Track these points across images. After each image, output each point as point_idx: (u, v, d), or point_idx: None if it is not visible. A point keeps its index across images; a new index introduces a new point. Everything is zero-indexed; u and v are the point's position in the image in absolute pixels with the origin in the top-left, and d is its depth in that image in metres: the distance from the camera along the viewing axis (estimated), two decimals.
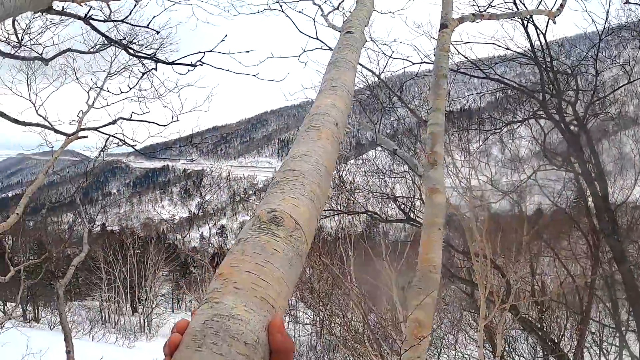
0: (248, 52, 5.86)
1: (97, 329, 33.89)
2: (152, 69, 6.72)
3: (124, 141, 8.40)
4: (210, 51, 5.73)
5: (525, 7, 12.29)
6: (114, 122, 8.16)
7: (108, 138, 8.91)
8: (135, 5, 6.33)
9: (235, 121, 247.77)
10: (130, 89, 7.91)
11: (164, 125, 8.00)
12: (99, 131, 8.38)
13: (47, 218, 51.69)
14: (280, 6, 6.36)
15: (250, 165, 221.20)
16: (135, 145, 9.49)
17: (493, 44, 13.43)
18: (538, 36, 13.26)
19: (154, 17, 6.11)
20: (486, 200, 12.65)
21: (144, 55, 6.49)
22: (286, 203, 1.14)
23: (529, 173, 13.90)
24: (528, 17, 12.73)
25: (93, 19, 5.40)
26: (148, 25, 6.13)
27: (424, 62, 12.83)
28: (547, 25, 12.97)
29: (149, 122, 7.87)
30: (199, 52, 5.83)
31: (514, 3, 12.14)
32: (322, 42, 7.46)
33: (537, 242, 14.24)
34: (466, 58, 13.82)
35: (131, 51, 6.26)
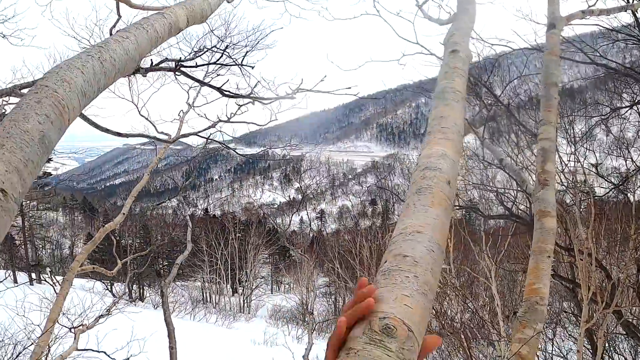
0: (349, 87, 5.90)
1: (199, 309, 35.24)
2: (249, 102, 6.89)
3: (224, 144, 8.62)
4: (311, 90, 5.84)
5: None
6: (213, 125, 8.36)
7: (207, 140, 9.14)
8: (227, 46, 6.41)
9: (332, 107, 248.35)
10: (229, 119, 8.11)
11: (262, 125, 8.12)
12: (199, 135, 8.63)
13: (154, 209, 54.20)
14: (378, 11, 6.21)
15: (349, 150, 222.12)
16: (232, 140, 9.78)
17: (597, 24, 12.69)
18: None
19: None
20: (592, 192, 12.02)
21: (242, 96, 6.60)
22: (398, 305, 1.10)
23: (636, 159, 13.07)
24: None
25: (185, 66, 5.50)
26: (242, 62, 6.22)
27: (525, 49, 12.28)
28: None
29: (248, 123, 8.02)
30: (301, 89, 5.95)
31: None
32: (422, 46, 7.28)
33: None
34: (566, 40, 13.09)
35: (227, 94, 6.36)
